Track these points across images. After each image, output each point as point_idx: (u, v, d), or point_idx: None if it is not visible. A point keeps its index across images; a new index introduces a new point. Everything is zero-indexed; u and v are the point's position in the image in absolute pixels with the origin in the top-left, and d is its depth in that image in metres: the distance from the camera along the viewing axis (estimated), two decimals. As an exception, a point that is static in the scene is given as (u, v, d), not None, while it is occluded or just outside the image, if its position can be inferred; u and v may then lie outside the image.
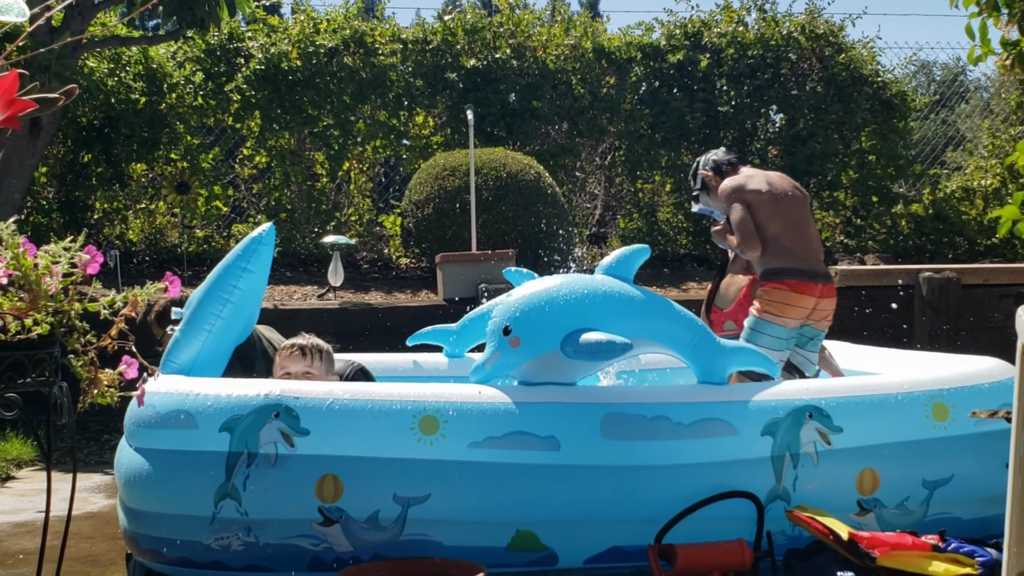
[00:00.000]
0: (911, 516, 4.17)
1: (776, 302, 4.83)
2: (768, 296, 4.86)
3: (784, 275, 4.85)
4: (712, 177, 5.27)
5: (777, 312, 4.82)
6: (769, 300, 4.86)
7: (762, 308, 4.87)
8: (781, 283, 4.85)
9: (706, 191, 5.34)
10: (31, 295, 2.67)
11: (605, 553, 3.98)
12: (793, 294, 4.81)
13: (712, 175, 5.28)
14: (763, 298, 4.90)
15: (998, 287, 8.96)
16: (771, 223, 4.96)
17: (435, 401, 3.92)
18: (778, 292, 4.84)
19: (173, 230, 10.86)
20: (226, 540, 3.83)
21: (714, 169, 5.29)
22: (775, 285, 4.86)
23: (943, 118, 15.37)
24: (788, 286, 4.83)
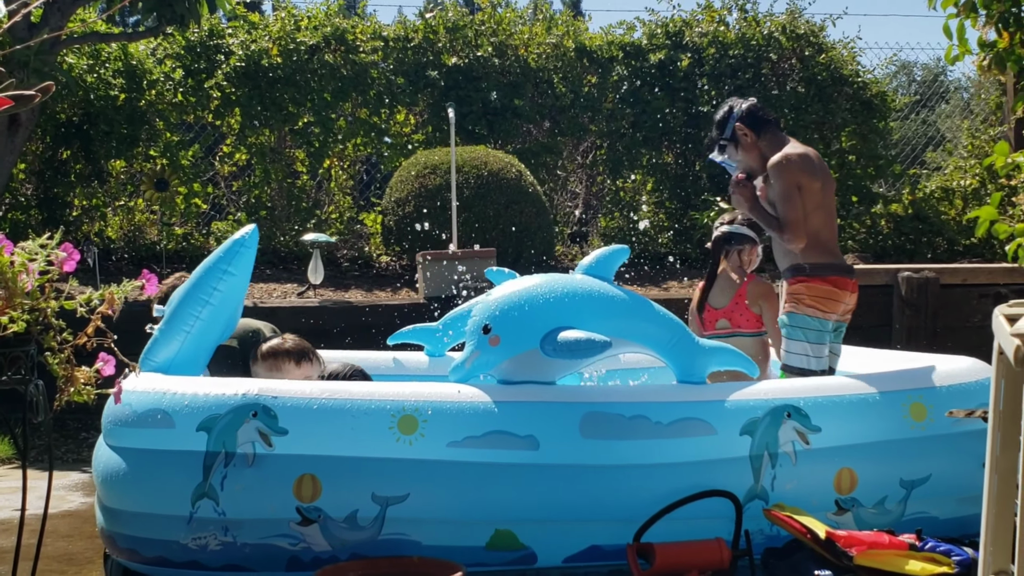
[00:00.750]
0: (889, 515, 4.19)
1: (821, 298, 4.71)
2: (812, 292, 4.71)
3: (827, 271, 4.73)
4: (747, 132, 4.88)
5: (822, 307, 4.70)
6: (812, 295, 4.70)
7: (804, 303, 4.71)
8: (825, 280, 4.72)
9: (734, 143, 4.91)
10: (7, 292, 2.65)
11: (584, 552, 3.98)
12: (836, 290, 4.72)
13: (747, 129, 4.88)
14: (806, 293, 4.72)
15: (976, 287, 9.00)
16: (815, 215, 4.77)
17: (414, 400, 3.92)
18: (823, 288, 4.71)
19: (152, 227, 10.81)
20: (203, 540, 3.81)
21: (750, 123, 4.89)
22: (818, 282, 4.71)
23: (923, 118, 15.44)
24: (831, 283, 4.72)
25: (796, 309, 4.72)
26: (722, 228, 5.62)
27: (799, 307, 4.72)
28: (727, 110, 4.93)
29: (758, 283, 5.45)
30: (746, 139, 4.87)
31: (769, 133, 4.86)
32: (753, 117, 4.88)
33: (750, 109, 4.89)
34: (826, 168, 4.89)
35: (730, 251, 5.55)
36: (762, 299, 5.39)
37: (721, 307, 5.43)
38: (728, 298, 5.43)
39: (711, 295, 5.49)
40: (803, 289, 4.73)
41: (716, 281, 5.52)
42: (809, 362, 4.67)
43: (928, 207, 11.33)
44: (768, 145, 4.84)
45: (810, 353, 4.68)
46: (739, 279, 5.46)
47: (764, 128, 4.86)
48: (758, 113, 4.90)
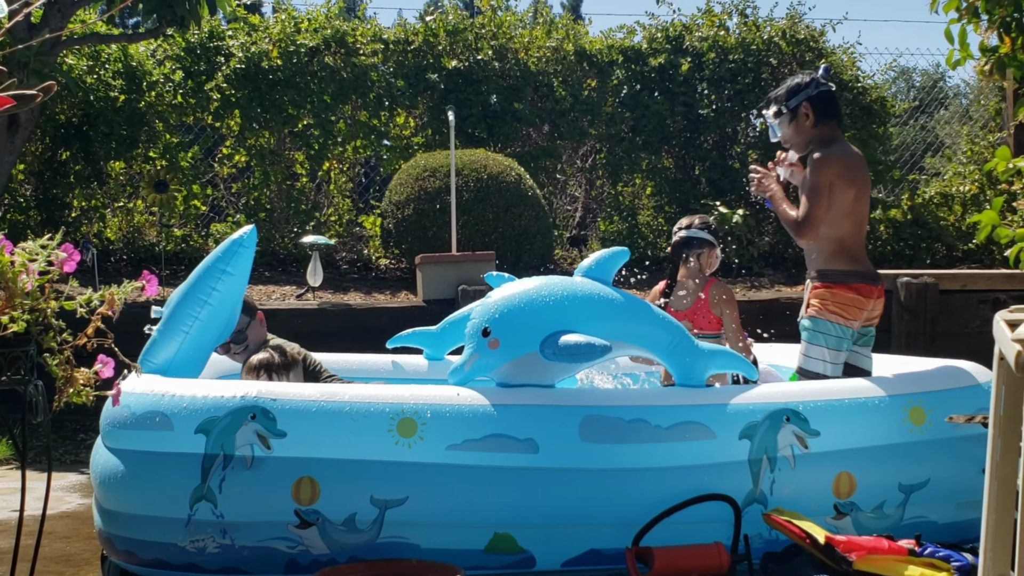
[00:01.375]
0: (887, 520, 4.19)
1: (844, 304, 4.70)
2: (834, 298, 4.70)
3: (852, 279, 4.72)
4: (809, 114, 4.80)
5: (844, 314, 4.69)
6: (836, 302, 4.70)
7: (827, 309, 4.70)
8: (849, 287, 4.71)
9: (794, 118, 4.83)
10: (7, 292, 2.65)
11: (582, 556, 3.98)
12: (860, 298, 4.71)
13: (811, 111, 4.80)
14: (828, 300, 4.71)
15: (975, 293, 9.00)
16: (844, 223, 4.74)
17: (413, 403, 3.92)
18: (846, 295, 4.70)
19: (151, 229, 10.80)
20: (201, 542, 3.81)
21: (817, 107, 4.80)
22: (842, 289, 4.70)
23: (922, 124, 15.45)
24: (855, 290, 4.71)
25: (819, 314, 4.71)
26: (681, 232, 5.62)
27: (822, 312, 4.71)
28: (806, 82, 4.85)
29: (719, 286, 5.46)
30: (805, 120, 4.81)
31: (827, 125, 4.82)
32: (823, 103, 4.82)
33: (824, 94, 4.83)
34: (866, 177, 4.85)
35: (689, 254, 5.57)
36: (723, 302, 5.39)
37: (682, 309, 5.43)
38: (690, 301, 5.45)
39: (672, 298, 5.50)
40: (827, 295, 4.72)
41: (676, 284, 5.54)
42: (826, 368, 4.67)
43: (927, 213, 11.33)
44: (820, 135, 4.81)
45: (828, 359, 4.68)
46: (699, 282, 5.48)
47: (826, 118, 4.82)
48: (829, 102, 4.84)
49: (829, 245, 4.76)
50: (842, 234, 4.75)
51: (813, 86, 4.83)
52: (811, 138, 4.82)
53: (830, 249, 4.76)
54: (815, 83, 4.84)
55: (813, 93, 4.81)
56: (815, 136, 4.81)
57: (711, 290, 5.42)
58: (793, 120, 4.83)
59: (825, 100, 4.83)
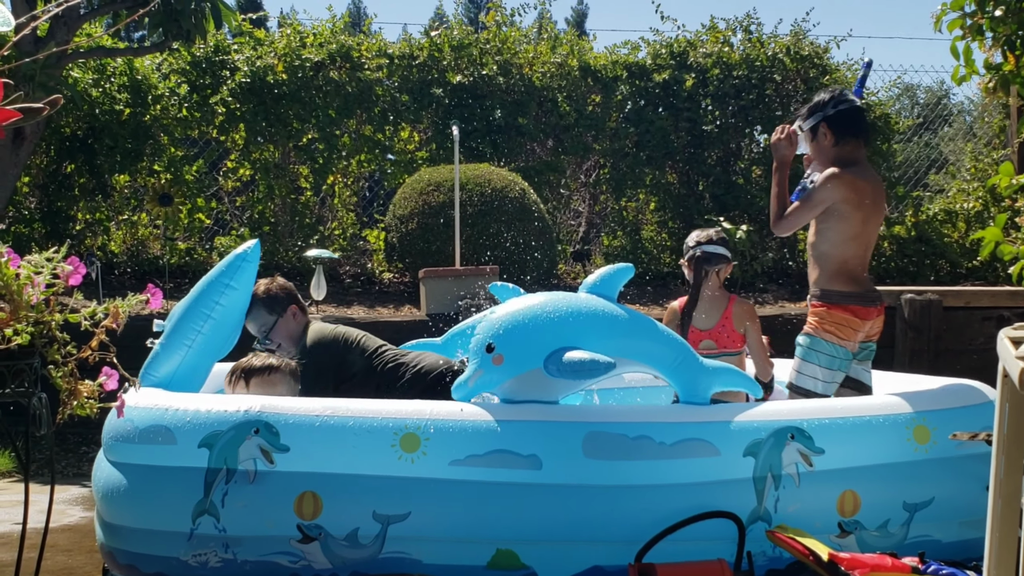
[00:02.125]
0: (892, 538, 4.17)
1: (839, 324, 4.72)
2: (831, 318, 4.72)
3: (848, 300, 4.73)
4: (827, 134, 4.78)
5: (839, 335, 4.71)
6: (832, 322, 4.72)
7: (823, 328, 4.72)
8: (845, 308, 4.72)
9: (814, 138, 4.83)
10: (12, 305, 2.65)
11: (585, 572, 3.95)
12: (855, 319, 4.72)
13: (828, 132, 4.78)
14: (825, 319, 4.73)
15: (979, 310, 8.99)
16: (848, 245, 4.75)
17: (416, 418, 3.91)
18: (841, 316, 4.72)
19: (155, 242, 10.83)
20: (204, 556, 3.80)
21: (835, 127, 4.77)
22: (838, 310, 4.71)
23: (926, 141, 15.46)
24: (851, 312, 4.72)
25: (815, 332, 4.74)
26: (700, 249, 5.51)
27: (818, 331, 4.73)
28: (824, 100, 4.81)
29: (742, 303, 5.43)
30: (824, 140, 4.80)
31: (849, 144, 4.79)
32: (842, 122, 4.78)
33: (844, 113, 4.78)
34: (880, 202, 4.83)
35: (709, 271, 5.50)
36: (747, 319, 5.37)
37: (707, 328, 5.38)
38: (715, 319, 5.38)
39: (695, 317, 5.42)
40: (824, 314, 4.74)
41: (699, 301, 5.46)
42: (817, 385, 4.68)
43: (931, 229, 11.34)
44: (840, 155, 4.78)
45: (820, 377, 4.70)
46: (721, 299, 5.42)
47: (847, 137, 4.78)
48: (849, 120, 4.79)
49: (831, 265, 4.77)
50: (846, 256, 4.76)
51: (831, 105, 4.79)
52: (832, 157, 4.80)
53: (832, 269, 4.76)
54: (834, 101, 4.80)
55: (831, 113, 4.78)
56: (836, 155, 4.79)
57: (734, 307, 5.37)
58: (813, 140, 4.83)
59: (845, 119, 4.78)
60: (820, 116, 4.80)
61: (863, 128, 4.88)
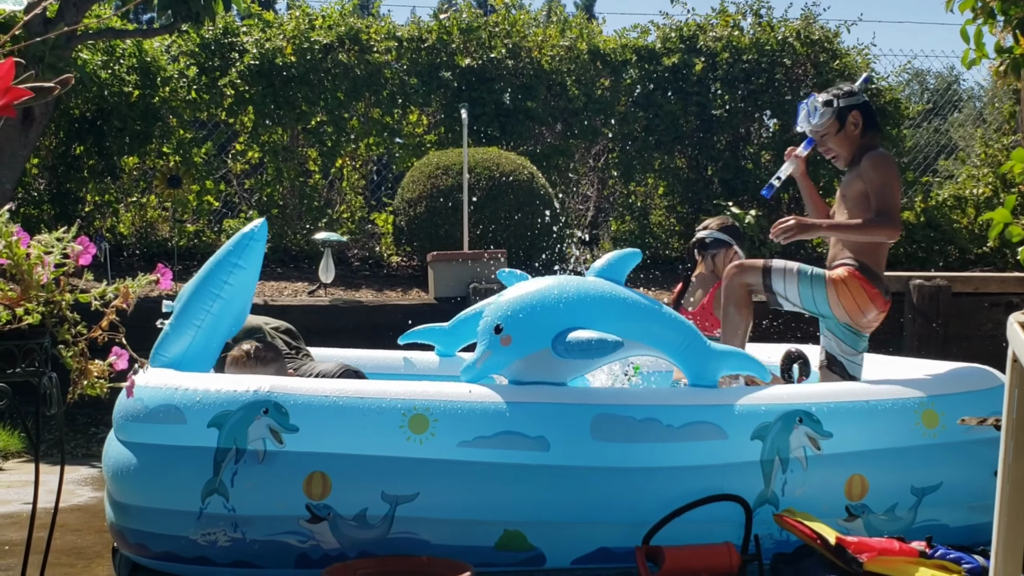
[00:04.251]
0: (899, 522, 4.18)
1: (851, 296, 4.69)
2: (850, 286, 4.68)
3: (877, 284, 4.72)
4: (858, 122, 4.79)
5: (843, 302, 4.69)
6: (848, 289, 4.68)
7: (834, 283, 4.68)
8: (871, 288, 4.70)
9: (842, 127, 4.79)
10: (22, 285, 2.66)
11: (592, 554, 3.98)
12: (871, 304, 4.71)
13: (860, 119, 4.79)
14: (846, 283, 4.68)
15: (988, 296, 8.98)
16: None
17: (425, 400, 3.92)
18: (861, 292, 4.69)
19: (164, 224, 10.84)
20: (213, 536, 3.82)
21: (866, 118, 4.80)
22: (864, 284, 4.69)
23: (936, 127, 15.40)
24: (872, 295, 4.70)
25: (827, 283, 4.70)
26: (700, 233, 5.65)
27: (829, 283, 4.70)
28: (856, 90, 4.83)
29: None
30: (854, 129, 4.80)
31: (871, 135, 4.83)
32: (870, 113, 4.83)
33: (870, 105, 4.84)
34: None
35: (705, 256, 5.56)
36: None
37: (691, 309, 5.46)
38: (698, 302, 5.46)
39: (685, 297, 5.52)
40: (847, 278, 4.70)
41: (691, 285, 5.56)
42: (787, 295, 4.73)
43: (940, 215, 11.31)
44: (865, 142, 4.81)
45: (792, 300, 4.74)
46: (711, 283, 5.48)
47: (872, 129, 4.83)
48: (874, 113, 4.85)
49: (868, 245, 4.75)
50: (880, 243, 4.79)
51: (861, 95, 4.83)
52: (858, 145, 4.82)
53: (870, 246, 4.75)
54: (861, 93, 4.85)
55: (863, 101, 4.82)
56: (862, 144, 4.81)
57: (717, 291, 5.41)
58: (841, 130, 4.81)
59: (871, 110, 4.85)
60: (853, 102, 4.80)
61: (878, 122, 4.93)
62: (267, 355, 4.79)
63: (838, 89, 4.88)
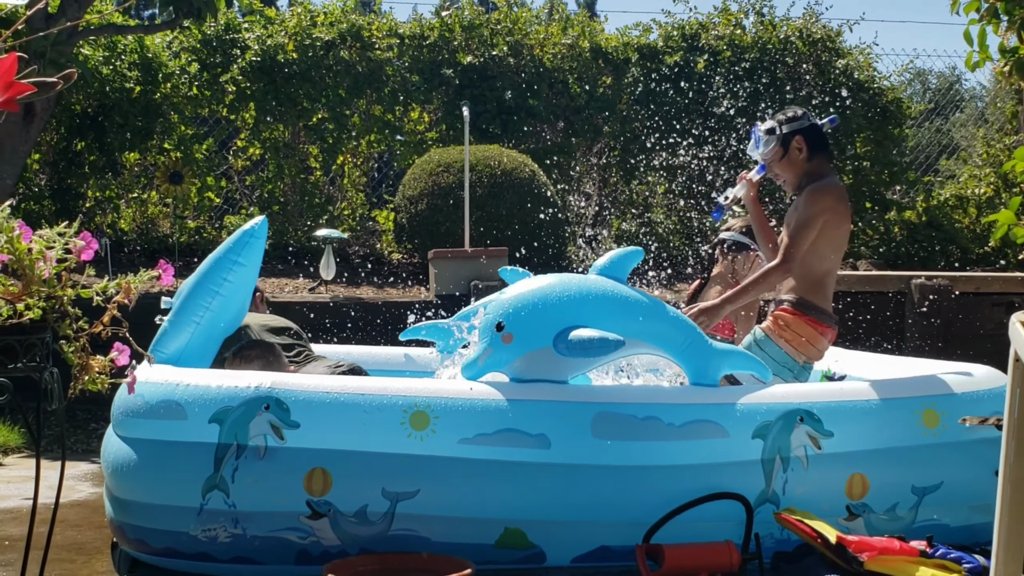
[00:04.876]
0: (900, 522, 4.17)
1: (800, 336, 4.63)
2: (796, 328, 4.62)
3: (822, 318, 4.64)
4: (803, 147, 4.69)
5: (795, 345, 4.62)
6: (795, 332, 4.62)
7: (782, 334, 4.62)
8: (817, 324, 4.62)
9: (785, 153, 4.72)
10: (24, 280, 2.65)
11: (593, 552, 3.97)
12: (821, 339, 4.66)
13: (804, 144, 4.69)
14: (790, 326, 4.62)
15: (989, 295, 8.98)
16: (831, 258, 4.69)
17: (426, 396, 3.92)
18: (809, 330, 4.63)
19: (165, 220, 10.84)
20: (213, 531, 3.82)
21: (810, 141, 4.70)
22: (810, 322, 4.62)
23: (938, 126, 15.40)
24: (819, 328, 4.64)
25: (770, 335, 4.65)
26: (723, 233, 5.62)
27: (774, 335, 4.64)
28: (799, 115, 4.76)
29: None
30: (798, 154, 4.73)
31: (818, 159, 4.74)
32: (816, 136, 4.73)
33: (817, 128, 4.73)
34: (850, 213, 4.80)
35: (725, 257, 5.55)
36: (742, 309, 5.34)
37: None
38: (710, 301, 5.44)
39: (701, 295, 5.51)
40: (791, 321, 4.64)
41: (708, 284, 5.54)
42: None
43: (942, 215, 11.31)
44: (811, 169, 4.74)
45: None
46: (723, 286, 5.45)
47: (818, 153, 4.74)
48: (821, 135, 4.75)
49: (812, 276, 4.67)
50: (827, 267, 4.70)
51: (806, 119, 4.75)
52: (803, 172, 4.75)
53: (814, 281, 4.68)
54: (807, 117, 4.77)
55: (807, 126, 4.73)
56: (808, 169, 4.74)
57: None
58: (784, 156, 4.74)
59: (819, 133, 4.74)
60: (796, 127, 4.72)
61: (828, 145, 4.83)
62: (250, 353, 4.79)
63: (783, 115, 4.80)
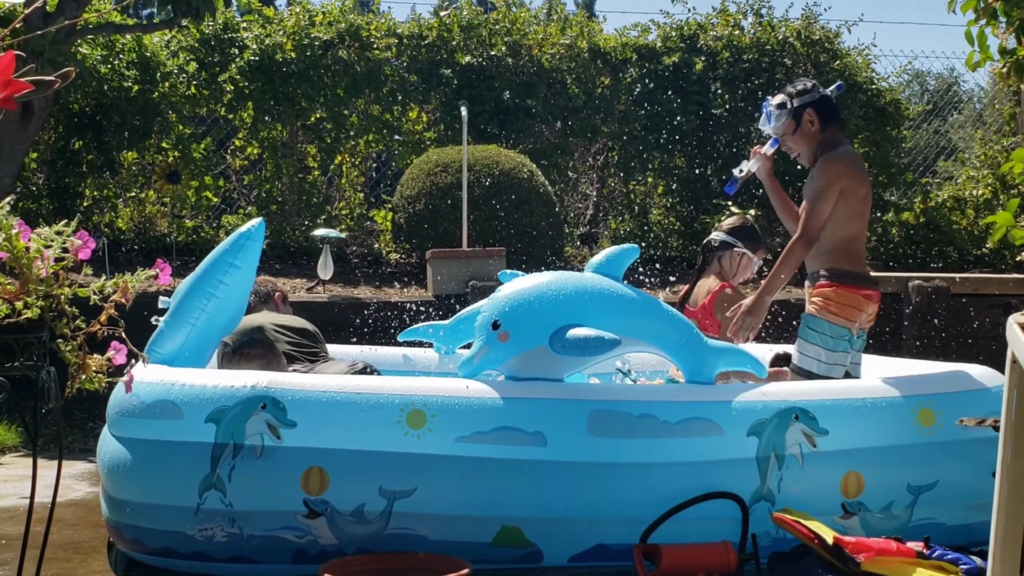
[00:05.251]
0: (896, 521, 4.18)
1: (846, 305, 4.63)
2: (838, 298, 4.63)
3: (857, 281, 4.67)
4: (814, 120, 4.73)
5: (845, 316, 4.63)
6: (839, 302, 4.62)
7: (828, 308, 4.63)
8: (854, 288, 4.65)
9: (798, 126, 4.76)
10: (22, 278, 2.65)
11: (590, 551, 3.98)
12: (862, 300, 4.67)
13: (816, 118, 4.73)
14: (832, 299, 4.63)
15: (987, 297, 8.98)
16: (854, 222, 4.70)
17: (422, 395, 3.92)
18: (851, 296, 4.64)
19: (162, 219, 10.83)
20: (210, 531, 3.82)
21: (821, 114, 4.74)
22: (847, 289, 4.64)
23: (935, 128, 15.40)
24: (860, 292, 4.66)
25: (819, 313, 4.65)
26: (714, 234, 5.65)
27: (822, 312, 4.64)
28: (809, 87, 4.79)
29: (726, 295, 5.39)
30: (810, 127, 4.76)
31: (831, 130, 4.77)
32: (826, 108, 4.76)
33: (827, 98, 4.77)
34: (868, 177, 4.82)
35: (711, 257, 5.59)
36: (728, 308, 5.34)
37: (693, 308, 5.47)
38: (699, 302, 5.47)
39: (690, 297, 5.54)
40: (831, 294, 4.65)
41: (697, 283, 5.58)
42: (820, 367, 4.61)
43: (940, 216, 11.31)
44: (825, 140, 4.77)
45: (823, 359, 4.61)
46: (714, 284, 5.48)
47: (830, 123, 4.77)
48: (831, 106, 4.79)
49: (838, 244, 4.69)
50: (852, 233, 4.70)
51: (815, 90, 4.78)
52: (816, 144, 4.78)
53: (841, 249, 4.69)
54: (816, 88, 4.79)
55: (817, 97, 4.76)
56: (822, 140, 4.77)
57: (720, 293, 5.40)
58: (797, 129, 4.78)
59: (830, 104, 4.79)
60: (807, 100, 4.75)
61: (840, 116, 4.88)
62: (251, 351, 4.78)
63: (792, 87, 4.84)
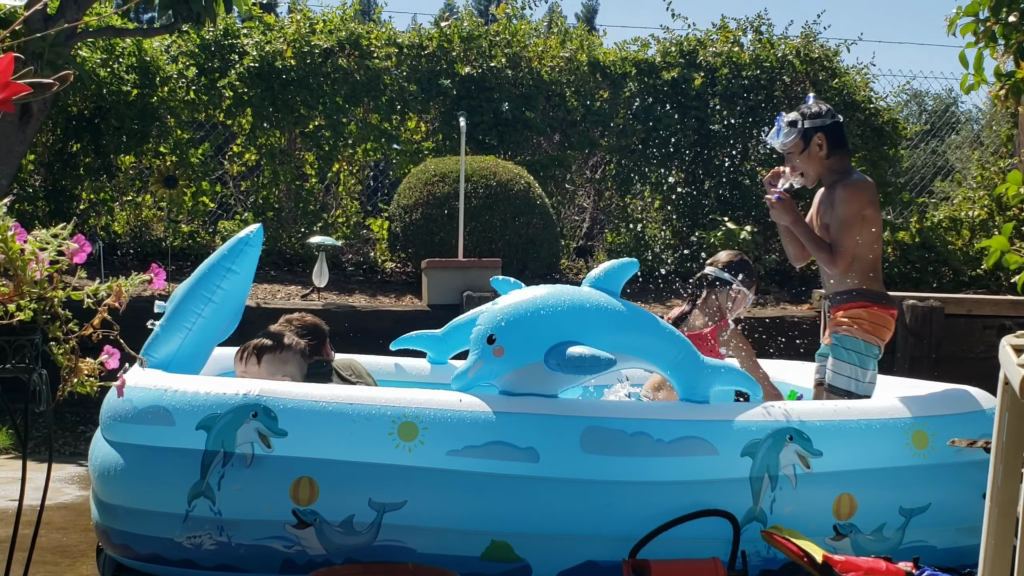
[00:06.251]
0: (887, 542, 4.17)
1: (878, 325, 4.72)
2: (871, 318, 4.71)
3: (885, 301, 4.78)
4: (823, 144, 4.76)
5: (877, 335, 4.72)
6: (872, 322, 4.71)
7: (864, 328, 4.70)
8: (884, 308, 4.75)
9: (806, 147, 4.78)
10: (15, 281, 2.65)
11: (579, 567, 3.96)
12: (890, 320, 4.77)
13: (825, 141, 4.77)
14: (865, 319, 4.71)
15: (981, 318, 8.99)
16: (876, 245, 4.79)
17: (415, 407, 3.91)
18: (882, 316, 4.74)
19: (159, 224, 10.82)
20: (198, 539, 3.80)
21: (831, 138, 4.78)
22: (879, 309, 4.74)
23: (933, 148, 15.43)
24: (888, 312, 4.76)
25: (852, 333, 4.71)
26: (709, 269, 5.53)
27: (855, 331, 4.70)
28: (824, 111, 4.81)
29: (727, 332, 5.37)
30: (819, 151, 4.78)
31: (838, 155, 4.82)
32: (837, 134, 4.80)
33: (839, 126, 4.81)
34: None
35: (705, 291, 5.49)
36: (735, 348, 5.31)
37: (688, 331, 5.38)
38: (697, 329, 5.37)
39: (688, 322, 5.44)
40: (864, 314, 4.72)
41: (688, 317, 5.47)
42: (857, 386, 4.65)
43: (935, 236, 11.32)
44: (833, 166, 4.81)
45: (859, 377, 4.67)
46: (708, 321, 5.40)
47: (837, 150, 4.81)
48: (842, 134, 4.83)
49: (865, 267, 4.76)
50: (874, 256, 4.79)
51: (829, 116, 4.81)
52: (824, 168, 4.82)
53: (867, 271, 4.77)
54: (831, 113, 4.82)
55: (829, 123, 4.79)
56: (829, 165, 4.81)
57: (718, 333, 5.35)
58: (805, 150, 4.79)
59: (838, 131, 4.82)
60: (819, 124, 4.78)
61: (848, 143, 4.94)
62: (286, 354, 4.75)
63: (807, 108, 4.85)
